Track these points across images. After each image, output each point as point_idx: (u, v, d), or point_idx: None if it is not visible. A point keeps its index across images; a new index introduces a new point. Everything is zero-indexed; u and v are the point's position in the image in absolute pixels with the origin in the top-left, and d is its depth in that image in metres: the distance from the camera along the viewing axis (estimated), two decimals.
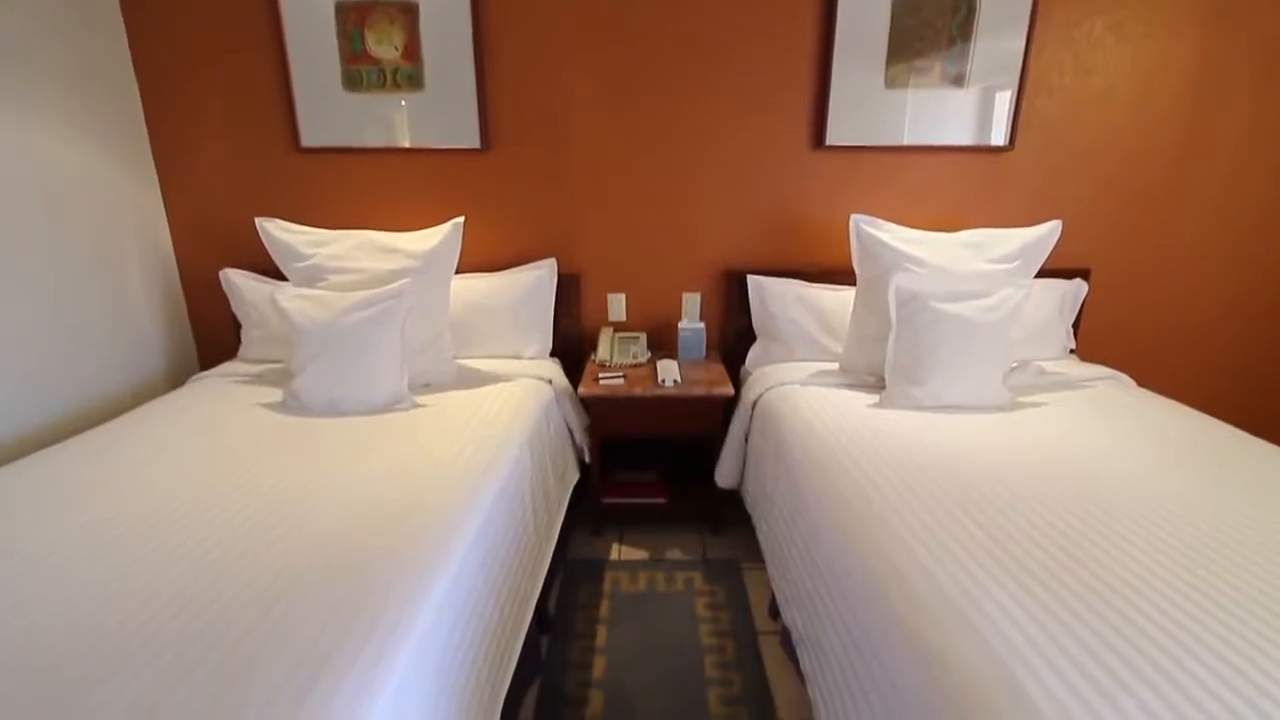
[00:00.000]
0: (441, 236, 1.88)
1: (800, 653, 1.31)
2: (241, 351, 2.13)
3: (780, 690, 1.52)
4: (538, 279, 2.15)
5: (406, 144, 2.13)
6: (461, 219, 1.93)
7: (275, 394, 1.73)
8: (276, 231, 1.90)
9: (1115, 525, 1.08)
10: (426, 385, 1.83)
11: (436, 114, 2.10)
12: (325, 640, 0.82)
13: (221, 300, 2.14)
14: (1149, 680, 0.74)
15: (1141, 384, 1.89)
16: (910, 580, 0.97)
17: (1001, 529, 1.07)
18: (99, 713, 0.72)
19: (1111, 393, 1.78)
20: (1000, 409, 1.64)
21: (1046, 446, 1.41)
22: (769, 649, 1.64)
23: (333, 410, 1.63)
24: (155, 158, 2.16)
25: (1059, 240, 1.87)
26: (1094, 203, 2.20)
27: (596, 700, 1.49)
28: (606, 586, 1.90)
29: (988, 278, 1.76)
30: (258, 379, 1.88)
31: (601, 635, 1.70)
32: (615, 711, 1.46)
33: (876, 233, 1.87)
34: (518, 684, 1.31)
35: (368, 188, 2.18)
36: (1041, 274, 1.91)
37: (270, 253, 1.89)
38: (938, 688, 0.81)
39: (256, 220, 1.90)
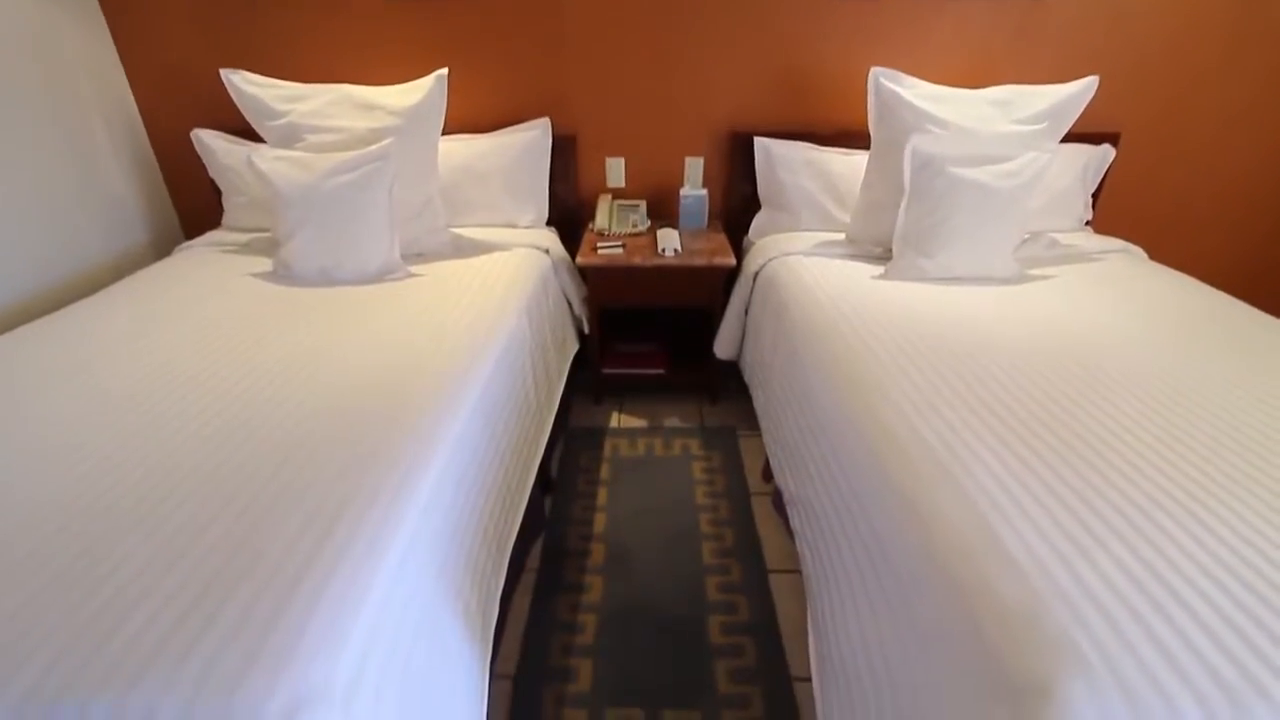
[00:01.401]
0: (424, 91, 1.73)
1: (790, 511, 1.38)
2: (225, 219, 2.05)
3: (769, 544, 1.62)
4: (531, 140, 2.02)
5: None
6: (445, 71, 1.76)
7: (265, 263, 1.69)
8: (244, 85, 1.75)
9: (1106, 394, 1.09)
10: (420, 255, 1.78)
11: None
12: (334, 499, 0.85)
13: (199, 163, 2.02)
14: (1123, 535, 0.78)
15: (1155, 258, 1.84)
16: (902, 442, 1.00)
17: (995, 396, 1.08)
18: (107, 581, 0.72)
19: (1121, 266, 1.74)
20: (1007, 281, 1.61)
21: (1049, 319, 1.39)
22: (760, 508, 1.74)
23: (325, 280, 1.59)
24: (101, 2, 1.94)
25: (1090, 100, 1.73)
26: (1132, 58, 2.00)
27: (597, 552, 1.60)
28: (607, 452, 1.97)
29: (1012, 140, 1.65)
30: (245, 248, 1.83)
31: (602, 495, 1.79)
32: (615, 561, 1.57)
33: (897, 88, 1.72)
34: (524, 539, 1.39)
35: (338, 34, 1.98)
36: (1065, 139, 1.79)
37: (241, 109, 1.76)
38: (920, 541, 0.85)
39: (222, 72, 1.74)
